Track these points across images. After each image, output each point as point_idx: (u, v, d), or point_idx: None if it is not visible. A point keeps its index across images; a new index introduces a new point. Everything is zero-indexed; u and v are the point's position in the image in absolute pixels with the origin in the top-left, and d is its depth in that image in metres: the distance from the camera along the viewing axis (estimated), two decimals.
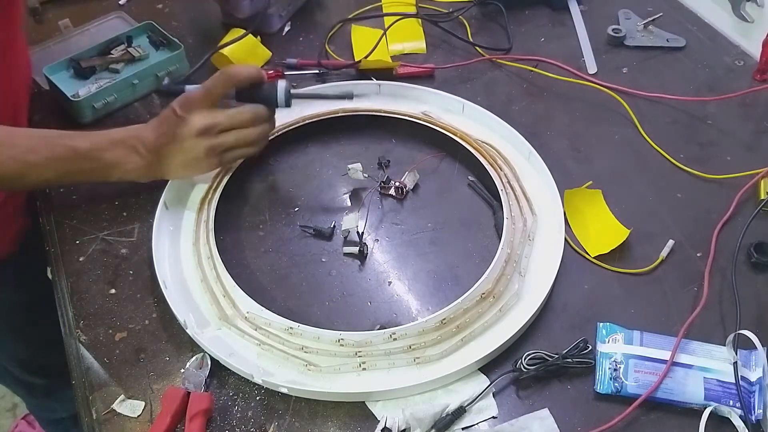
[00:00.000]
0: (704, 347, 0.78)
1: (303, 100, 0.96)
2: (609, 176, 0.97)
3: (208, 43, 1.14)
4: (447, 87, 1.07)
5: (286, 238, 0.91)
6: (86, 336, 0.81)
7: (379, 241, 0.91)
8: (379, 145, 1.02)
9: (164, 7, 1.25)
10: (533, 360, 0.76)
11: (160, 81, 1.08)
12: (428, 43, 1.17)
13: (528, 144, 0.96)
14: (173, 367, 0.79)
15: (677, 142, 1.01)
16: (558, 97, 1.08)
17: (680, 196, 0.95)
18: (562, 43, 1.17)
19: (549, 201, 0.92)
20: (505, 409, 0.75)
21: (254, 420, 0.74)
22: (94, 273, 0.87)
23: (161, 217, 0.90)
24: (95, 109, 1.03)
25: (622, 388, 0.75)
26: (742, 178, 0.94)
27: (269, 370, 0.76)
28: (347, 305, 0.84)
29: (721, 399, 0.74)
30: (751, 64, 1.12)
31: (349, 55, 1.15)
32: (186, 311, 0.81)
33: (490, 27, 1.21)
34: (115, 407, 0.75)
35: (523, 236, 0.87)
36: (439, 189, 0.97)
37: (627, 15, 1.21)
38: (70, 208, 0.94)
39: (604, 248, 0.88)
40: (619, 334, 0.79)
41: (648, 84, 1.09)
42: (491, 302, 0.81)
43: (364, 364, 0.76)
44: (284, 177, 0.99)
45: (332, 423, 0.74)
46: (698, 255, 0.88)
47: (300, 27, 1.21)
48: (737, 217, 0.91)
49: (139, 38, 1.12)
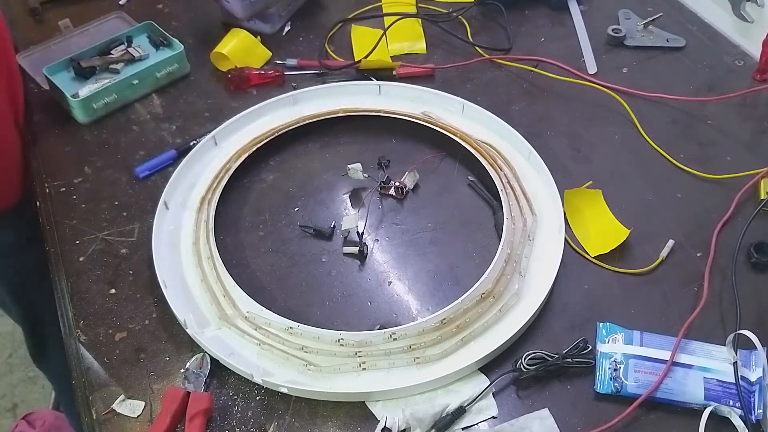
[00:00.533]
0: (704, 347, 0.78)
1: (303, 99, 0.95)
2: (609, 176, 0.97)
3: (208, 43, 1.14)
4: (447, 87, 1.07)
5: (286, 238, 0.91)
6: (86, 336, 0.81)
7: (379, 241, 0.91)
8: (379, 145, 1.02)
9: (164, 7, 1.25)
10: (533, 360, 0.76)
11: (160, 81, 1.08)
12: (428, 43, 1.17)
13: (528, 144, 0.96)
14: (173, 367, 0.79)
15: (677, 142, 1.01)
16: (558, 97, 1.08)
17: (680, 196, 0.95)
18: (562, 43, 1.17)
19: (549, 201, 0.92)
20: (505, 409, 0.75)
21: (254, 420, 0.74)
22: (94, 273, 0.87)
23: (161, 217, 0.90)
24: (94, 109, 1.04)
25: (622, 388, 0.75)
26: (742, 178, 0.94)
27: (269, 370, 0.76)
28: (347, 305, 0.84)
29: (721, 399, 0.74)
30: (751, 64, 1.12)
31: (349, 55, 1.15)
32: (186, 311, 0.81)
33: (490, 27, 1.21)
34: (115, 407, 0.75)
35: (523, 236, 0.87)
36: (439, 189, 0.97)
37: (627, 15, 1.21)
38: (70, 208, 0.94)
39: (604, 248, 0.88)
40: (619, 334, 0.79)
41: (648, 84, 1.09)
42: (491, 302, 0.81)
43: (364, 364, 0.76)
44: (284, 177, 0.99)
45: (332, 423, 0.74)
46: (698, 255, 0.88)
47: (300, 27, 1.21)
48: (737, 217, 0.91)
49: (139, 38, 1.13)
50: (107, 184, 0.97)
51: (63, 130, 1.04)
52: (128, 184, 0.97)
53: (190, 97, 1.09)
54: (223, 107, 1.07)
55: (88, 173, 0.98)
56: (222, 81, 1.10)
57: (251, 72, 1.09)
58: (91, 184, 0.97)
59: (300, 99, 1.05)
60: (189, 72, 1.11)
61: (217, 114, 1.06)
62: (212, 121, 1.04)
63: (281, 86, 1.10)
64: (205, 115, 1.06)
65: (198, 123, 1.05)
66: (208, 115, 1.06)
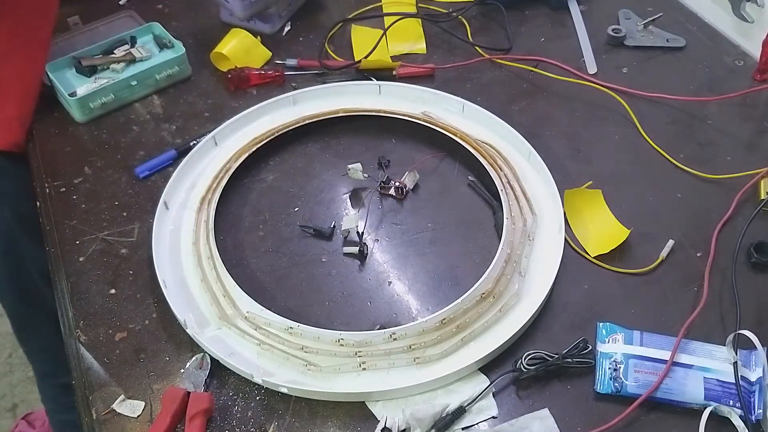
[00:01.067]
0: (704, 347, 0.78)
1: (303, 99, 0.95)
2: (609, 176, 0.97)
3: (208, 43, 1.14)
4: (447, 87, 1.07)
5: (286, 238, 0.91)
6: (86, 336, 0.81)
7: (379, 241, 0.91)
8: (379, 145, 1.02)
9: (164, 7, 1.25)
10: (533, 360, 0.76)
11: (160, 83, 1.08)
12: (428, 43, 1.17)
13: (528, 144, 0.96)
14: (173, 367, 0.79)
15: (677, 142, 1.01)
16: (558, 97, 1.08)
17: (680, 196, 0.95)
18: (562, 43, 1.17)
19: (549, 201, 0.92)
20: (505, 409, 0.75)
21: (254, 420, 0.74)
22: (94, 273, 0.87)
23: (161, 218, 0.90)
24: (91, 109, 1.04)
25: (622, 388, 0.75)
26: (742, 178, 0.94)
27: (269, 370, 0.76)
28: (347, 305, 0.84)
29: (721, 399, 0.74)
30: (751, 64, 1.12)
31: (349, 55, 1.15)
32: (186, 311, 0.81)
33: (490, 27, 1.21)
34: (115, 407, 0.75)
35: (523, 236, 0.87)
36: (439, 189, 0.97)
37: (627, 15, 1.21)
38: (70, 208, 0.94)
39: (604, 248, 0.88)
40: (619, 334, 0.79)
41: (648, 84, 1.09)
42: (491, 302, 0.81)
43: (364, 364, 0.76)
44: (284, 177, 0.99)
45: (332, 423, 0.74)
46: (698, 255, 0.88)
47: (300, 27, 1.21)
48: (737, 217, 0.91)
49: (144, 38, 1.12)
50: (107, 184, 0.97)
51: (63, 129, 1.04)
52: (128, 185, 0.97)
53: (190, 97, 1.09)
54: (223, 107, 1.07)
55: (88, 173, 0.99)
56: (222, 81, 1.10)
57: (251, 72, 1.09)
58: (91, 185, 0.97)
59: (300, 99, 1.05)
60: (190, 74, 1.11)
61: (217, 114, 1.06)
62: (212, 121, 1.04)
63: (281, 86, 1.10)
64: (205, 115, 1.06)
65: (198, 123, 1.05)
66: (208, 115, 1.06)
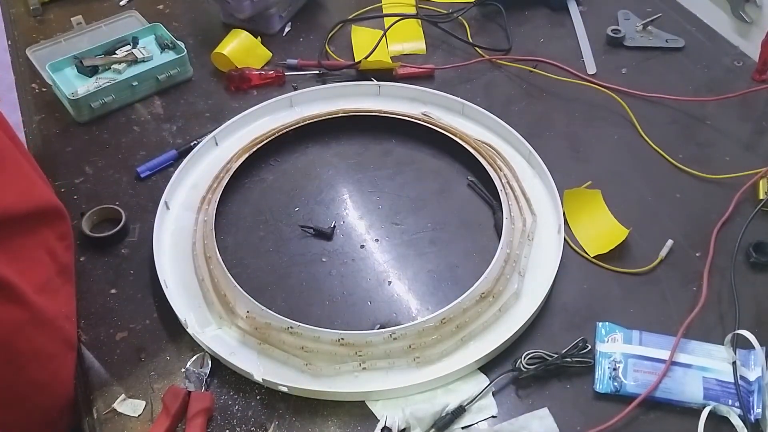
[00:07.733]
0: (703, 347, 0.78)
1: (303, 100, 0.95)
2: (608, 176, 0.97)
3: (209, 43, 1.14)
4: (447, 87, 1.07)
5: (286, 238, 0.92)
6: (87, 336, 0.82)
7: (379, 241, 0.91)
8: (379, 145, 1.02)
9: (165, 8, 1.25)
10: (533, 359, 0.76)
11: (161, 84, 1.08)
12: (428, 44, 1.18)
13: (527, 144, 0.97)
14: (174, 367, 0.79)
15: (676, 142, 1.01)
16: (557, 97, 1.08)
17: (679, 196, 0.95)
18: (561, 43, 1.17)
19: (548, 201, 0.92)
20: (504, 408, 0.75)
21: (254, 419, 0.75)
22: (94, 273, 0.87)
23: (162, 217, 0.90)
24: (92, 109, 1.04)
25: (621, 387, 0.75)
26: (741, 178, 0.95)
27: (269, 370, 0.77)
28: (347, 305, 0.85)
29: (720, 398, 0.74)
30: (749, 64, 1.12)
31: (349, 55, 1.15)
32: (186, 311, 0.81)
33: (490, 27, 1.21)
34: (116, 407, 0.76)
35: (523, 236, 0.87)
36: (439, 189, 0.97)
37: (626, 16, 1.21)
38: (70, 208, 0.94)
39: (604, 248, 0.88)
40: (619, 334, 0.79)
41: (647, 84, 1.09)
42: (491, 302, 0.81)
43: (364, 364, 0.76)
44: (284, 177, 0.99)
45: (332, 422, 0.74)
46: (697, 255, 0.88)
47: (300, 28, 1.21)
48: (736, 217, 0.91)
49: (146, 39, 1.13)
50: (108, 184, 0.97)
51: (64, 129, 1.04)
52: (129, 185, 0.97)
53: (191, 98, 1.09)
54: (224, 107, 1.07)
55: (89, 173, 0.99)
56: (222, 81, 1.11)
57: (252, 72, 1.09)
58: (92, 185, 0.97)
59: (300, 99, 1.05)
60: (191, 75, 1.11)
61: (218, 114, 1.06)
62: (213, 122, 1.04)
63: (281, 87, 1.10)
64: (206, 116, 1.06)
65: (199, 123, 1.05)
66: (209, 116, 1.06)
